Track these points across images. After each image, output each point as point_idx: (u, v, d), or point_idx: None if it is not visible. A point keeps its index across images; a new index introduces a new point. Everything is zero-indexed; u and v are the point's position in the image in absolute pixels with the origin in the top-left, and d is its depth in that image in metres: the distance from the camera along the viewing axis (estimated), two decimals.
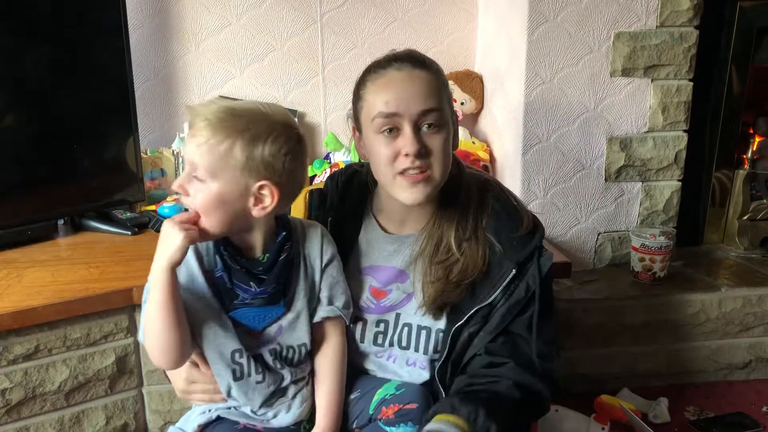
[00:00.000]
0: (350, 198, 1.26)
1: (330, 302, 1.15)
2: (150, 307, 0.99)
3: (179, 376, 1.13)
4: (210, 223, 1.00)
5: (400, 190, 1.11)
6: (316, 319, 1.13)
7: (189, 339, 1.02)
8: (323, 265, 1.14)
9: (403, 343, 1.20)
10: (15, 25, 1.72)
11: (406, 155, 1.08)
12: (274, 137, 0.99)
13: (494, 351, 1.14)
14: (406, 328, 1.20)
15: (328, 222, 1.22)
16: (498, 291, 1.14)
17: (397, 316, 1.21)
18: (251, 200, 1.01)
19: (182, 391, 1.14)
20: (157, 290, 0.97)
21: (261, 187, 1.00)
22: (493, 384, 1.11)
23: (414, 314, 1.20)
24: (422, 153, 1.09)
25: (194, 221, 0.99)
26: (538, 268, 1.14)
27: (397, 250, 1.22)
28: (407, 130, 1.08)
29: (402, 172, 1.10)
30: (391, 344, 1.21)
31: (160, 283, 0.97)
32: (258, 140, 0.98)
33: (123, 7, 1.87)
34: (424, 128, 1.09)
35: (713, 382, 2.03)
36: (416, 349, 1.20)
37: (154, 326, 0.99)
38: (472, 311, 1.14)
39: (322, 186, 1.30)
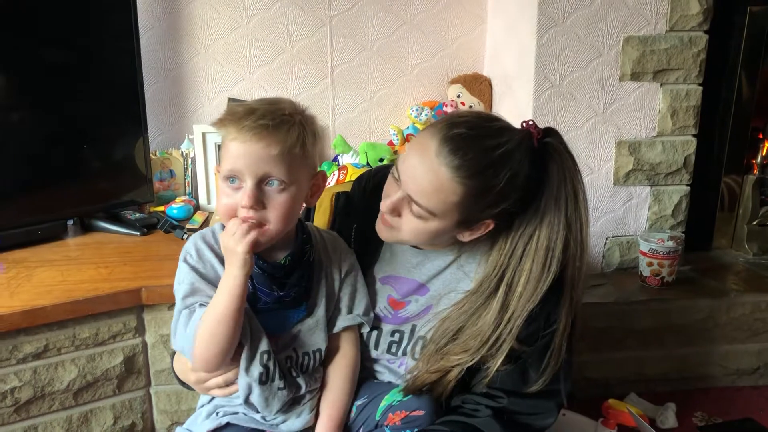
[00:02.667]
0: (378, 204, 1.19)
1: (350, 311, 1.15)
2: (216, 315, 0.97)
3: (190, 376, 1.12)
4: (285, 227, 1.00)
5: None
6: (336, 329, 1.13)
7: None
8: (343, 275, 1.14)
9: (416, 356, 1.17)
10: (25, 26, 1.72)
11: None
12: (318, 126, 1.02)
13: (493, 383, 1.10)
14: (420, 342, 1.18)
15: (353, 229, 1.20)
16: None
17: (413, 327, 1.19)
18: (310, 192, 1.04)
19: (199, 388, 1.13)
20: (231, 300, 0.96)
21: (318, 177, 1.04)
22: (474, 414, 1.10)
23: (429, 328, 1.16)
24: None
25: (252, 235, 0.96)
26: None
27: (421, 263, 1.20)
28: None
29: None
30: (404, 354, 1.19)
31: (234, 293, 0.96)
32: (316, 134, 1.01)
33: (134, 8, 1.88)
34: None
35: (721, 388, 2.02)
36: None
37: (217, 335, 0.98)
38: None
39: (348, 188, 1.28)
